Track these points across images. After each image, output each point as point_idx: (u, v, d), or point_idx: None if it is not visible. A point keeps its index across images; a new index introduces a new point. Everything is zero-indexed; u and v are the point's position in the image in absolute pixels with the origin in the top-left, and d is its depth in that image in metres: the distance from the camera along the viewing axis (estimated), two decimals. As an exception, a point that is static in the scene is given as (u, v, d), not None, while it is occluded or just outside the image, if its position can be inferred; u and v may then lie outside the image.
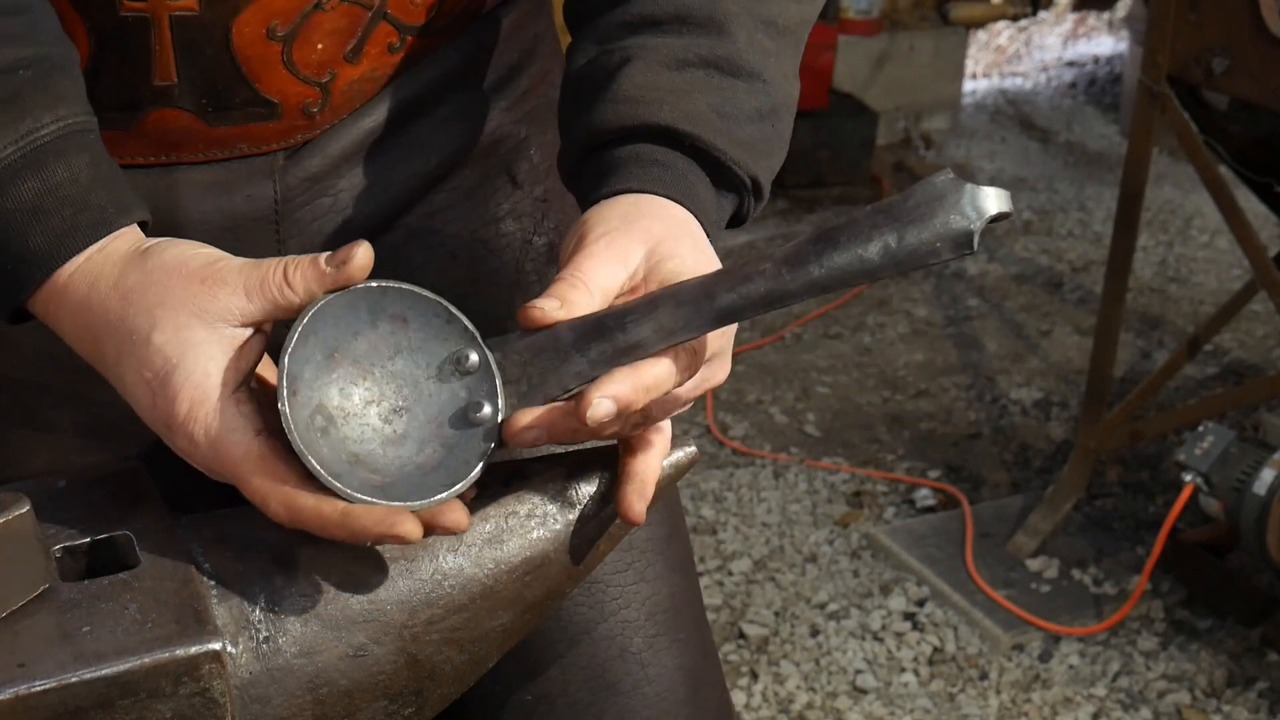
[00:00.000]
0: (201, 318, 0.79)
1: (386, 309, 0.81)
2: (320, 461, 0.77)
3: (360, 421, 0.81)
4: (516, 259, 1.09)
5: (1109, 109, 5.27)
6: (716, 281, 0.81)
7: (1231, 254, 4.07)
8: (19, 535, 0.76)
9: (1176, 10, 2.45)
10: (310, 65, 0.95)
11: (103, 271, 0.81)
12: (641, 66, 0.91)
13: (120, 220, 0.83)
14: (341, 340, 0.80)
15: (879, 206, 0.81)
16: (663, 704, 1.09)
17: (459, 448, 0.81)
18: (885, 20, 4.78)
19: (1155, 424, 2.79)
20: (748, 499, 2.98)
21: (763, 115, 0.93)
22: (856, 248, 0.80)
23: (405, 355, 0.82)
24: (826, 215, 4.29)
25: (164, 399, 0.79)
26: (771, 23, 0.95)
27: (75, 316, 0.82)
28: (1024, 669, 2.52)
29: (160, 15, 0.90)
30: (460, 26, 1.02)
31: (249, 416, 0.79)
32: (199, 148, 0.96)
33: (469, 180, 1.07)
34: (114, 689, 0.74)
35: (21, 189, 0.80)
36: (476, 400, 0.82)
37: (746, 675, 2.49)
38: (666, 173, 0.89)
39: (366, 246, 0.78)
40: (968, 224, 0.80)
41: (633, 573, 1.09)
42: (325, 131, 0.99)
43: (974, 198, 0.80)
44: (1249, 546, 2.49)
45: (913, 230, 0.80)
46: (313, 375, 0.79)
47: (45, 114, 0.82)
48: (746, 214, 0.95)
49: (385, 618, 0.83)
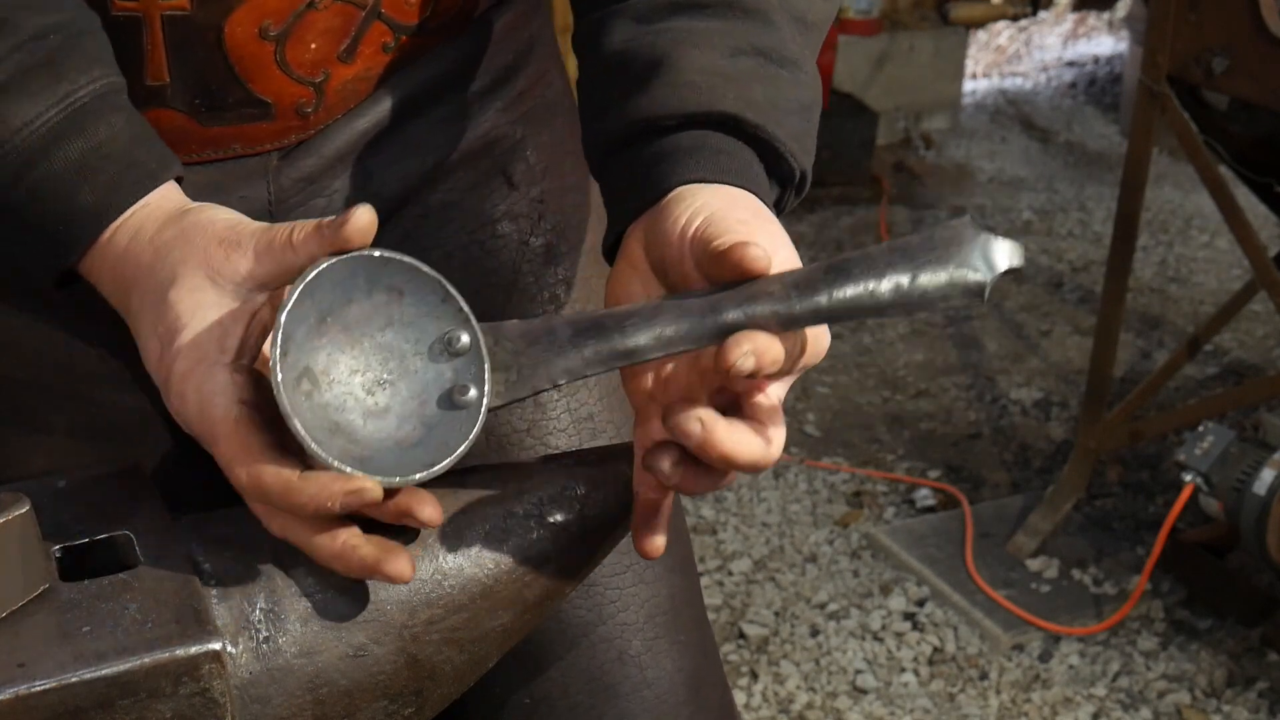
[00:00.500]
0: (215, 280, 0.80)
1: (384, 280, 0.80)
2: (303, 425, 0.76)
3: (343, 389, 0.80)
4: (513, 260, 1.09)
5: (1109, 109, 5.27)
6: (723, 297, 0.80)
7: (1231, 254, 4.07)
8: (19, 535, 0.77)
9: (1176, 10, 2.45)
10: (304, 65, 0.95)
11: (144, 225, 0.83)
12: (697, 52, 0.88)
13: (162, 174, 0.85)
14: (336, 305, 0.79)
15: (895, 245, 0.80)
16: (662, 706, 1.08)
17: (439, 428, 0.80)
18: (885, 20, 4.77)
19: (1155, 424, 2.79)
20: (748, 499, 2.98)
21: (805, 108, 0.92)
22: (868, 282, 0.79)
23: (396, 328, 0.81)
24: (826, 215, 4.29)
25: (169, 354, 0.80)
26: (802, 18, 0.93)
27: (114, 268, 0.84)
28: (1024, 669, 2.52)
29: (152, 15, 0.90)
30: (455, 26, 1.02)
31: (239, 385, 0.80)
32: (192, 148, 0.96)
33: (465, 181, 1.07)
34: (114, 689, 0.74)
35: (68, 149, 0.82)
36: (463, 383, 0.81)
37: (746, 675, 2.49)
38: (733, 162, 0.87)
39: (367, 208, 0.78)
40: (980, 276, 0.79)
41: (632, 574, 1.09)
42: (319, 132, 0.99)
43: (988, 249, 0.79)
44: (1249, 546, 2.49)
45: (926, 273, 0.79)
46: (304, 337, 0.78)
47: (81, 76, 0.83)
48: (785, 207, 0.92)
49: (385, 618, 0.83)
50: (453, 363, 0.81)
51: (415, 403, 0.81)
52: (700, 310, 0.80)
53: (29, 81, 0.82)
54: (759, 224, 0.82)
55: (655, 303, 0.81)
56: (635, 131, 0.88)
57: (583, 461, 0.90)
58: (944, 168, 4.74)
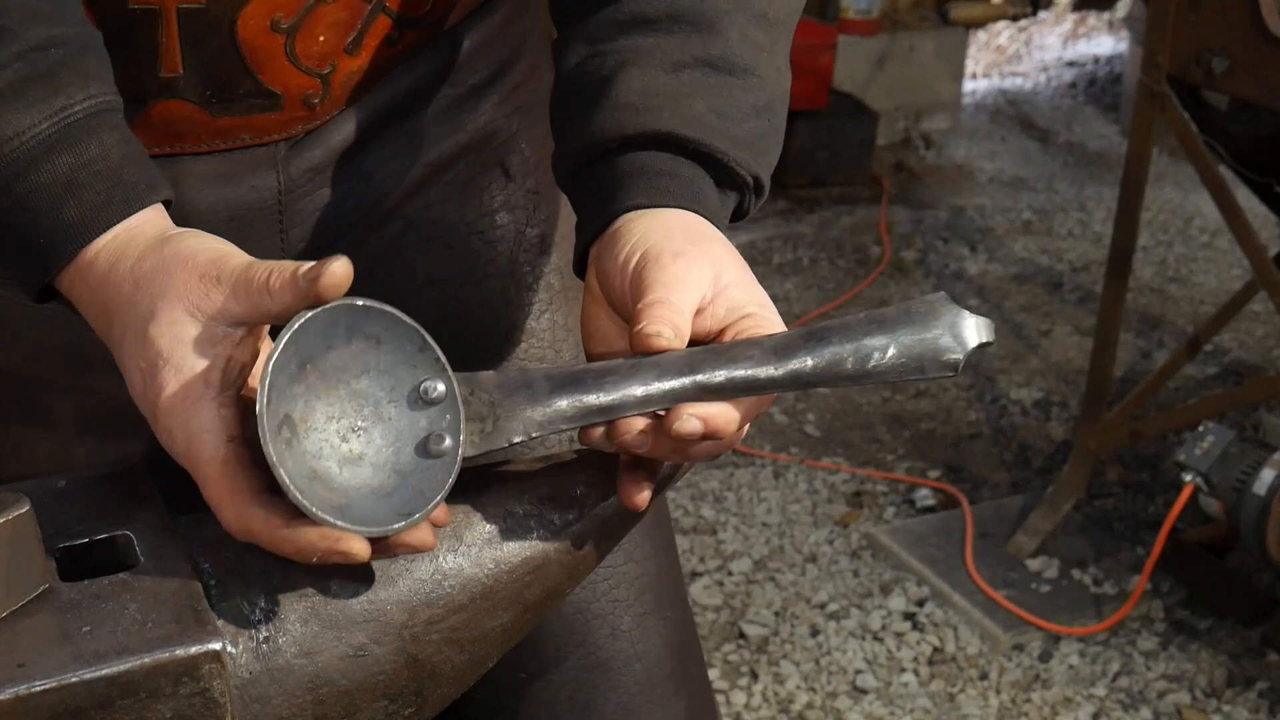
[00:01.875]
0: (194, 315, 0.79)
1: (364, 328, 0.80)
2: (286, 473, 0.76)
3: (320, 436, 0.80)
4: (511, 250, 1.11)
5: (1109, 109, 5.27)
6: (703, 359, 0.82)
7: (1231, 254, 4.08)
8: (19, 535, 0.77)
9: (1176, 10, 2.45)
10: (311, 57, 0.96)
11: (125, 252, 0.82)
12: (638, 71, 0.91)
13: (150, 197, 0.84)
14: (316, 352, 0.79)
15: (873, 316, 0.84)
16: (650, 679, 1.12)
17: (414, 477, 0.80)
18: (885, 20, 4.78)
19: (1155, 424, 2.79)
20: (748, 499, 2.98)
21: (759, 111, 0.93)
22: (845, 351, 0.82)
23: (372, 375, 0.81)
24: (826, 215, 4.29)
25: (152, 389, 0.80)
26: (763, 16, 0.95)
27: (94, 292, 0.83)
28: (1024, 669, 2.52)
29: (168, 8, 0.91)
30: (453, 21, 1.03)
31: (226, 421, 0.79)
32: (203, 138, 0.97)
33: (464, 173, 1.08)
34: (114, 689, 0.74)
35: (56, 163, 0.82)
36: (438, 432, 0.81)
37: (746, 675, 2.49)
38: (674, 182, 0.89)
39: (344, 261, 0.77)
40: (954, 354, 0.83)
41: (622, 553, 1.12)
42: (326, 122, 1.00)
43: (960, 326, 0.83)
44: (1249, 546, 2.49)
45: (902, 345, 0.83)
46: (284, 384, 0.78)
47: (78, 91, 0.83)
48: (747, 210, 0.95)
49: (385, 618, 0.83)
50: (427, 411, 0.81)
51: (390, 450, 0.81)
52: (679, 370, 0.81)
53: (26, 91, 0.82)
54: (697, 252, 0.85)
55: (634, 360, 0.82)
56: (584, 155, 0.92)
57: (583, 461, 0.91)
58: (944, 168, 4.74)
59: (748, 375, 0.81)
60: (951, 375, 0.82)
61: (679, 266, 0.84)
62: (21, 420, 1.03)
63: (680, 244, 0.85)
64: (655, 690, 1.12)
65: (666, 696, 1.13)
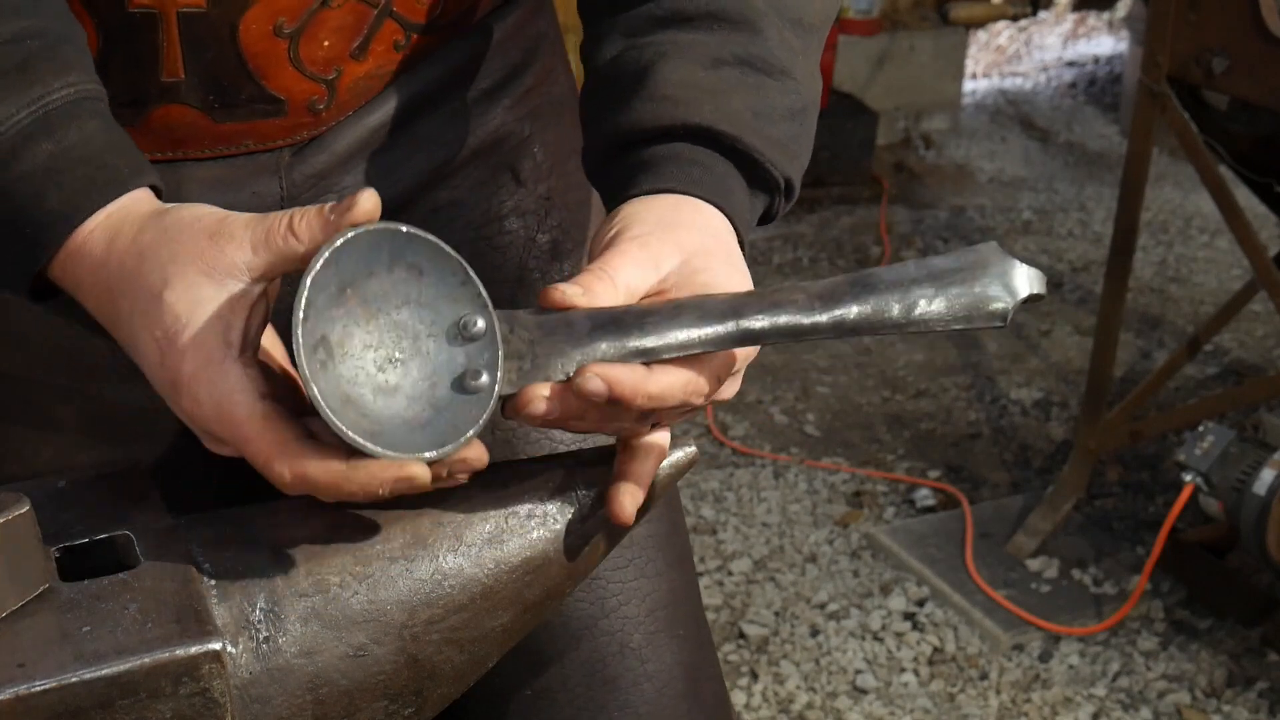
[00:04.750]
0: (210, 275, 0.78)
1: (406, 256, 0.79)
2: (320, 393, 0.75)
3: (356, 363, 0.79)
4: (520, 256, 1.10)
5: (1109, 109, 5.27)
6: (746, 302, 0.80)
7: (1231, 254, 4.07)
8: (19, 535, 0.76)
9: (1176, 10, 2.45)
10: (316, 62, 0.95)
11: (121, 229, 0.81)
12: (677, 64, 0.90)
13: (135, 180, 0.83)
14: (357, 276, 0.78)
15: (922, 264, 0.81)
16: (662, 699, 1.09)
17: (448, 411, 0.79)
18: (885, 20, 4.78)
19: (1155, 424, 2.79)
20: (748, 499, 2.98)
21: (794, 114, 0.93)
22: (892, 298, 0.79)
23: (412, 307, 0.80)
24: (826, 215, 4.29)
25: (172, 357, 0.79)
26: (798, 20, 0.94)
27: (93, 274, 0.82)
28: (1024, 669, 2.52)
29: (168, 12, 0.90)
30: (464, 24, 1.02)
31: (254, 380, 0.78)
32: (205, 144, 0.96)
33: (472, 178, 1.07)
34: (114, 689, 0.74)
35: (36, 152, 0.81)
36: (475, 368, 0.80)
37: (746, 675, 2.49)
38: (706, 174, 0.88)
39: (371, 193, 0.77)
40: (1003, 303, 0.80)
41: (633, 569, 1.10)
42: (331, 128, 1.00)
43: (1012, 275, 0.80)
44: (1249, 546, 2.49)
45: (950, 293, 0.80)
46: (324, 305, 0.77)
47: (55, 80, 0.82)
48: (776, 213, 0.94)
49: (385, 618, 0.83)
50: (466, 347, 0.80)
51: (426, 384, 0.80)
52: (721, 314, 0.80)
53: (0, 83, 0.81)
54: (663, 236, 0.84)
55: (676, 302, 0.81)
56: (617, 145, 0.90)
57: (583, 461, 0.90)
58: (944, 168, 4.74)
59: (791, 321, 0.79)
60: (1000, 326, 0.80)
61: (634, 245, 0.83)
62: (25, 425, 1.02)
63: (650, 226, 0.85)
64: (666, 711, 1.09)
65: (678, 717, 1.10)
